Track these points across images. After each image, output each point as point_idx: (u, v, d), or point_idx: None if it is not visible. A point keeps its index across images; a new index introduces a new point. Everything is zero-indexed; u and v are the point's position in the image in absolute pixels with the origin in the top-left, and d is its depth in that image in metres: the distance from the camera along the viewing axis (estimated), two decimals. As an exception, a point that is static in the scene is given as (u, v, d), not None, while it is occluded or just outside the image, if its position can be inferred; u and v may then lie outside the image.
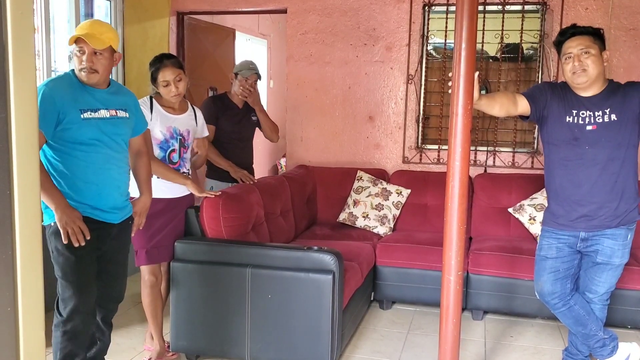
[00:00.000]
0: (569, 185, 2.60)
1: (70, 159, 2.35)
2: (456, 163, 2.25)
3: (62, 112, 2.28)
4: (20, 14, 1.01)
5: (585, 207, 2.59)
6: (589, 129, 2.54)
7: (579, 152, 2.56)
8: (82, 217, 2.34)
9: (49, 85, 2.30)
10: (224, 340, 2.99)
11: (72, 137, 2.33)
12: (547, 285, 2.74)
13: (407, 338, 3.47)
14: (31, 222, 1.14)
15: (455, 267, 2.30)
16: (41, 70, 3.66)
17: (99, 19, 3.52)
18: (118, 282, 2.63)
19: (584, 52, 2.51)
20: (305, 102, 4.80)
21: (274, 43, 7.51)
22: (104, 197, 2.43)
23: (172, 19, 4.97)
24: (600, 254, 2.64)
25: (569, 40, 2.56)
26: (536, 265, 2.81)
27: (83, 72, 2.36)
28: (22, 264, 1.12)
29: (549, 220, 2.74)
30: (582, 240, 2.66)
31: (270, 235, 3.58)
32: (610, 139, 2.52)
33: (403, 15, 4.52)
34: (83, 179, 2.37)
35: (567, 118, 2.58)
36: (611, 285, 2.71)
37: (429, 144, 4.63)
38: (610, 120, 2.52)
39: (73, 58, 2.38)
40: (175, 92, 2.91)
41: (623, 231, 2.61)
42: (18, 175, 1.09)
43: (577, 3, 4.22)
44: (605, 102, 2.55)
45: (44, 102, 2.24)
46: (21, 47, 1.04)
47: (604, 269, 2.66)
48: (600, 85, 2.58)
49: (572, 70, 2.54)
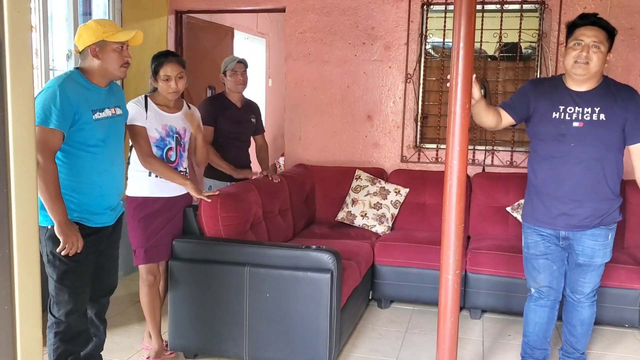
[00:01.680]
0: (552, 182, 2.57)
1: (78, 160, 2.34)
2: (454, 162, 2.25)
3: (77, 113, 2.28)
4: (17, 12, 1.01)
5: (566, 205, 2.56)
6: (576, 125, 2.50)
7: (564, 148, 2.52)
8: (79, 224, 2.34)
9: (63, 85, 2.27)
10: (222, 339, 2.99)
11: (84, 138, 2.32)
12: (545, 281, 2.74)
13: (406, 337, 3.47)
14: (28, 221, 1.14)
15: (453, 266, 2.30)
16: (39, 69, 3.65)
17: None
18: (111, 275, 2.64)
19: (595, 46, 2.44)
20: (304, 101, 4.79)
21: (272, 42, 7.50)
22: (105, 198, 2.44)
23: (171, 18, 4.97)
24: (581, 255, 2.63)
25: (586, 27, 2.46)
26: (527, 263, 2.80)
27: (124, 68, 2.42)
28: (19, 262, 1.12)
29: (528, 215, 2.72)
30: (564, 239, 2.65)
31: (269, 234, 3.58)
32: (597, 138, 2.48)
33: (401, 14, 4.52)
34: (88, 180, 2.37)
35: (553, 114, 2.53)
36: (596, 284, 2.72)
37: (428, 143, 4.64)
38: (599, 119, 2.48)
39: (108, 55, 2.37)
40: (175, 89, 2.90)
41: (603, 231, 2.59)
42: (15, 175, 1.08)
43: (575, 2, 4.22)
44: (596, 100, 2.50)
45: (63, 101, 2.23)
46: (18, 46, 1.04)
47: (587, 270, 2.66)
48: (595, 82, 2.53)
49: (575, 59, 2.46)
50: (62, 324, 2.39)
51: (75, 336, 2.44)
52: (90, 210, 2.40)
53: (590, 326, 2.83)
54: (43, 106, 2.21)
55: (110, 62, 2.38)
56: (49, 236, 2.31)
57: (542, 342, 2.85)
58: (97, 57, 2.36)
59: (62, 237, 2.25)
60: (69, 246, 2.27)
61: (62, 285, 2.36)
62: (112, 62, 2.38)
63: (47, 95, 2.23)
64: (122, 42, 2.38)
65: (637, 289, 3.42)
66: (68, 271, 2.35)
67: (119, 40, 2.37)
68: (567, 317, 2.85)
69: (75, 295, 2.39)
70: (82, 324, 2.48)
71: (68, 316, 2.38)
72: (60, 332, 2.39)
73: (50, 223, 2.29)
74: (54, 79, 2.34)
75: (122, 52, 2.40)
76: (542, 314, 2.80)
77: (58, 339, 2.39)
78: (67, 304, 2.37)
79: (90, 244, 2.37)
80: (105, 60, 2.37)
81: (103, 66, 2.38)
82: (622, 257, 3.58)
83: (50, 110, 2.20)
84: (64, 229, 2.25)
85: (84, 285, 2.43)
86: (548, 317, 2.81)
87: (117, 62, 2.39)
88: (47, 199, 2.21)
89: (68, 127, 2.26)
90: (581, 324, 2.80)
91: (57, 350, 2.39)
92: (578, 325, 2.81)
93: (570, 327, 2.86)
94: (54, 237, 2.28)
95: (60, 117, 2.22)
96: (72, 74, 2.37)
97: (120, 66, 2.41)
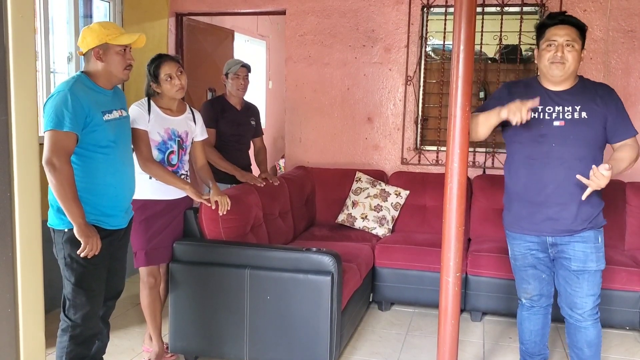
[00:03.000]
0: (534, 186, 2.48)
1: (92, 162, 2.36)
2: (455, 164, 2.25)
3: (89, 115, 2.30)
4: (21, 17, 1.01)
5: (550, 209, 2.47)
6: (557, 124, 2.43)
7: (545, 150, 2.44)
8: (96, 227, 2.35)
9: (73, 88, 2.29)
10: (222, 342, 2.99)
11: (96, 140, 2.34)
12: (536, 291, 2.67)
13: (406, 339, 3.47)
14: (31, 224, 1.14)
15: (453, 268, 2.30)
16: (40, 72, 3.66)
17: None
18: (119, 279, 2.65)
19: (569, 44, 2.39)
20: (304, 103, 4.80)
21: (272, 44, 7.51)
22: (119, 199, 2.47)
23: (171, 20, 4.97)
24: (574, 260, 2.49)
25: (557, 27, 2.42)
26: (516, 274, 2.70)
27: (127, 70, 2.44)
28: (23, 265, 1.12)
29: (512, 224, 2.60)
30: (552, 245, 2.54)
31: (269, 236, 3.58)
32: (578, 136, 2.41)
33: (402, 17, 4.53)
34: (102, 182, 2.39)
35: (532, 114, 2.42)
36: (596, 297, 2.52)
37: (428, 145, 4.64)
38: (581, 117, 2.42)
39: (111, 57, 2.38)
40: (179, 85, 2.90)
41: (592, 233, 2.48)
42: (18, 178, 1.09)
43: (575, 5, 4.23)
44: (576, 99, 2.45)
45: (74, 104, 2.25)
46: (22, 50, 1.04)
47: (583, 278, 2.49)
48: (572, 81, 2.49)
49: (551, 60, 2.40)
50: (78, 327, 2.39)
51: (88, 339, 2.45)
52: (105, 212, 2.42)
53: (598, 347, 2.59)
54: (55, 110, 2.23)
55: (113, 65, 2.40)
56: (67, 239, 2.32)
57: (540, 347, 2.78)
58: (100, 59, 2.38)
59: (83, 239, 2.26)
60: (89, 247, 2.28)
61: (80, 288, 2.36)
62: (116, 64, 2.40)
63: (59, 99, 2.25)
64: (125, 45, 2.40)
65: (637, 291, 3.42)
66: (86, 274, 2.36)
67: (122, 43, 2.38)
68: (572, 340, 2.61)
69: (92, 298, 2.40)
70: (96, 327, 2.50)
71: (85, 319, 2.39)
72: (75, 335, 2.39)
73: (67, 226, 2.30)
74: (63, 83, 2.36)
75: (125, 55, 2.42)
76: (536, 321, 2.72)
77: (72, 342, 2.39)
78: (85, 306, 2.38)
79: (106, 246, 2.39)
80: (108, 62, 2.39)
81: (106, 69, 2.39)
82: (623, 259, 3.58)
83: (62, 113, 2.22)
84: (85, 231, 2.26)
85: (100, 287, 2.45)
86: (542, 323, 2.73)
87: (120, 65, 2.41)
88: (65, 201, 2.22)
89: (81, 129, 2.28)
90: (589, 346, 2.56)
91: (70, 353, 2.39)
92: (585, 348, 2.57)
93: (577, 351, 2.61)
94: (72, 239, 2.29)
95: (73, 120, 2.24)
96: (80, 78, 2.38)
97: (124, 69, 2.43)
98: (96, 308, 2.44)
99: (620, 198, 3.96)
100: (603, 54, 4.21)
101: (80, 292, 2.37)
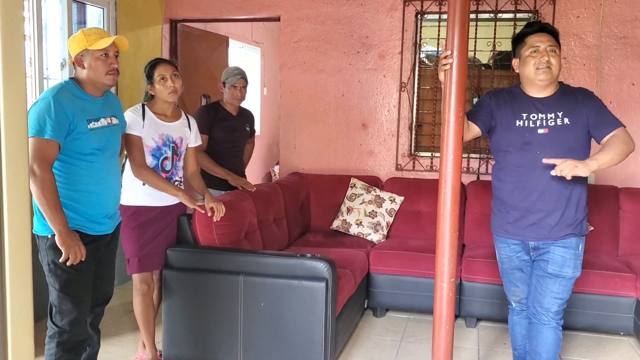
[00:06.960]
0: (520, 193, 2.52)
1: (75, 169, 2.34)
2: (448, 170, 2.25)
3: (72, 123, 2.28)
4: (10, 20, 1.00)
5: (535, 215, 2.50)
6: (541, 132, 2.45)
7: (530, 157, 2.47)
8: (79, 232, 2.33)
9: (57, 96, 2.27)
10: (216, 349, 2.98)
11: (79, 148, 2.32)
12: (524, 294, 2.69)
13: (401, 345, 3.46)
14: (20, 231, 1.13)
15: (448, 274, 2.30)
16: (33, 78, 3.65)
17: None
18: (107, 284, 2.63)
19: (552, 50, 2.44)
20: (299, 110, 4.80)
21: (267, 51, 7.52)
22: (103, 206, 2.44)
23: (165, 27, 4.97)
24: (551, 264, 2.52)
25: (538, 34, 2.47)
26: (503, 278, 2.74)
27: (110, 75, 2.39)
28: (11, 272, 1.11)
29: (499, 228, 2.64)
30: (533, 249, 2.57)
31: (264, 242, 3.57)
32: (562, 143, 2.44)
33: (396, 24, 4.54)
34: (85, 189, 2.37)
35: (517, 122, 2.48)
36: (563, 301, 2.55)
37: (422, 152, 4.65)
38: (563, 123, 2.44)
39: (92, 63, 2.36)
40: (173, 87, 2.89)
41: (574, 240, 2.51)
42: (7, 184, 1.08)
43: (568, 11, 4.25)
44: (557, 105, 2.48)
45: (57, 112, 2.23)
46: (11, 54, 1.03)
47: (555, 281, 2.52)
48: (554, 87, 2.52)
49: (537, 66, 2.43)
50: (65, 333, 2.37)
51: (76, 345, 2.44)
52: (89, 218, 2.40)
53: (556, 355, 2.60)
54: (38, 117, 2.21)
55: (95, 71, 2.37)
56: (50, 245, 2.31)
57: None
58: (82, 66, 2.38)
59: (64, 248, 2.24)
60: (72, 256, 2.26)
61: (65, 294, 2.35)
62: (97, 70, 2.37)
63: (42, 106, 2.24)
64: (104, 50, 2.37)
65: (631, 297, 3.42)
66: (70, 280, 2.34)
67: (99, 48, 2.36)
68: (532, 344, 2.63)
69: (78, 304, 2.38)
70: (84, 333, 2.48)
71: (72, 325, 2.38)
72: (63, 342, 2.37)
73: (50, 232, 2.28)
74: (49, 90, 2.34)
75: (106, 60, 2.38)
76: (527, 325, 2.72)
77: (60, 348, 2.37)
78: (71, 312, 2.37)
79: (91, 251, 2.37)
80: (90, 68, 2.37)
81: (89, 75, 2.38)
82: (617, 265, 3.58)
83: (45, 121, 2.21)
84: (65, 239, 2.24)
85: (86, 293, 2.43)
86: None
87: (101, 70, 2.38)
88: (47, 208, 2.21)
89: (63, 137, 2.26)
90: (546, 351, 2.58)
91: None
92: (543, 352, 2.58)
93: (534, 355, 2.62)
94: (55, 246, 2.27)
95: (56, 128, 2.22)
96: (66, 84, 2.37)
97: (106, 74, 2.39)
98: (83, 314, 2.42)
99: (614, 203, 3.97)
100: (596, 61, 4.23)
101: (66, 299, 2.35)
